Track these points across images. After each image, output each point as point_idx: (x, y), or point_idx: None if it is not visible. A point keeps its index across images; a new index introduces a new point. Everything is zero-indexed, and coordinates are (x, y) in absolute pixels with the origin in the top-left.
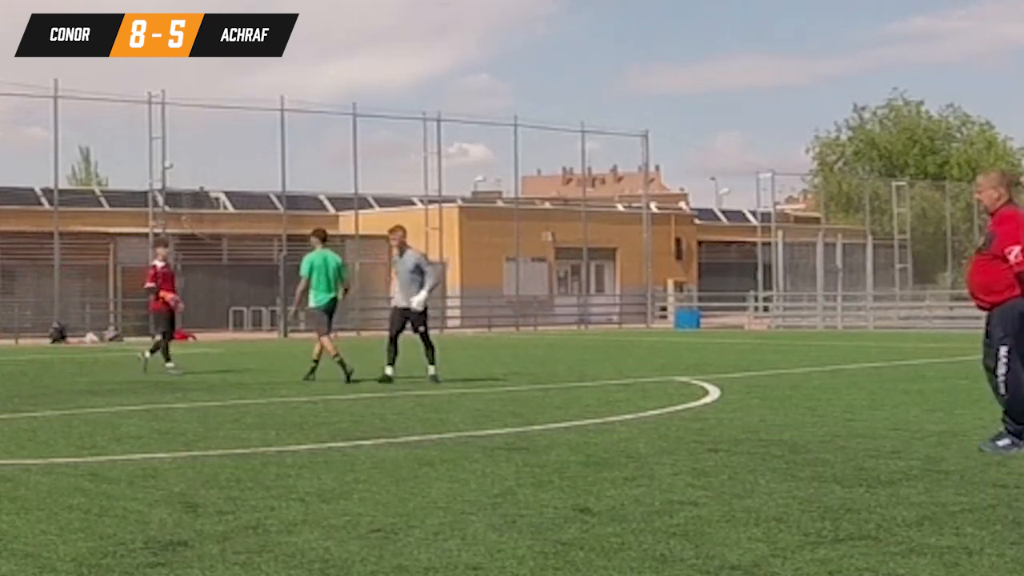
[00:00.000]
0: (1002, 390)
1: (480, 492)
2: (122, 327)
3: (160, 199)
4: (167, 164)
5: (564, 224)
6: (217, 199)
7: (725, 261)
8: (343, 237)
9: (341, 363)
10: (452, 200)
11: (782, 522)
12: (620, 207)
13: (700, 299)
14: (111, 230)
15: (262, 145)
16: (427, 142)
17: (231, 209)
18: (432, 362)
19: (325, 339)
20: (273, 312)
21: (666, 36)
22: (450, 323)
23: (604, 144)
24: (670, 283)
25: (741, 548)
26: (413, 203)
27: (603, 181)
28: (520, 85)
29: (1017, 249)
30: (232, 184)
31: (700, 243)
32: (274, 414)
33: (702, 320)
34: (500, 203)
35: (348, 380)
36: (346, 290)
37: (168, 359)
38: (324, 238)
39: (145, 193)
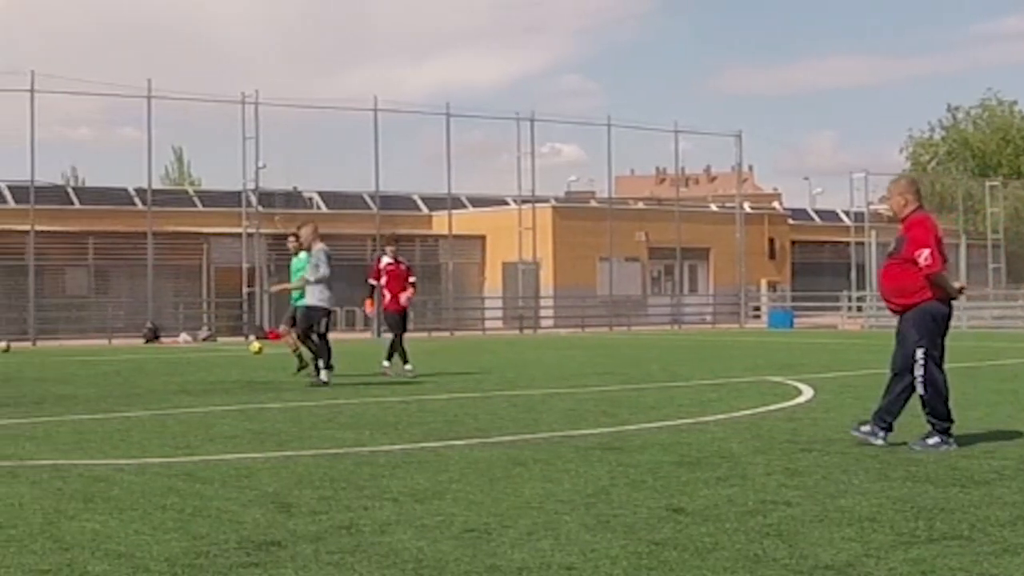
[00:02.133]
0: (920, 390)
1: (573, 492)
2: (215, 327)
3: (253, 199)
4: (260, 164)
5: (657, 224)
6: (310, 199)
7: (818, 261)
8: (436, 237)
9: (299, 356)
10: (545, 200)
11: (875, 522)
12: (713, 207)
13: (793, 299)
14: (204, 230)
15: (355, 145)
16: (520, 142)
17: (324, 209)
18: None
19: (287, 329)
20: (366, 313)
21: (759, 36)
22: (544, 323)
23: (697, 144)
24: (763, 283)
25: (834, 548)
26: (506, 203)
27: (696, 181)
28: (612, 85)
29: (927, 252)
30: (325, 184)
31: (793, 243)
32: (367, 414)
33: (795, 320)
34: (593, 203)
35: (297, 373)
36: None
37: (406, 360)
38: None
39: (238, 193)
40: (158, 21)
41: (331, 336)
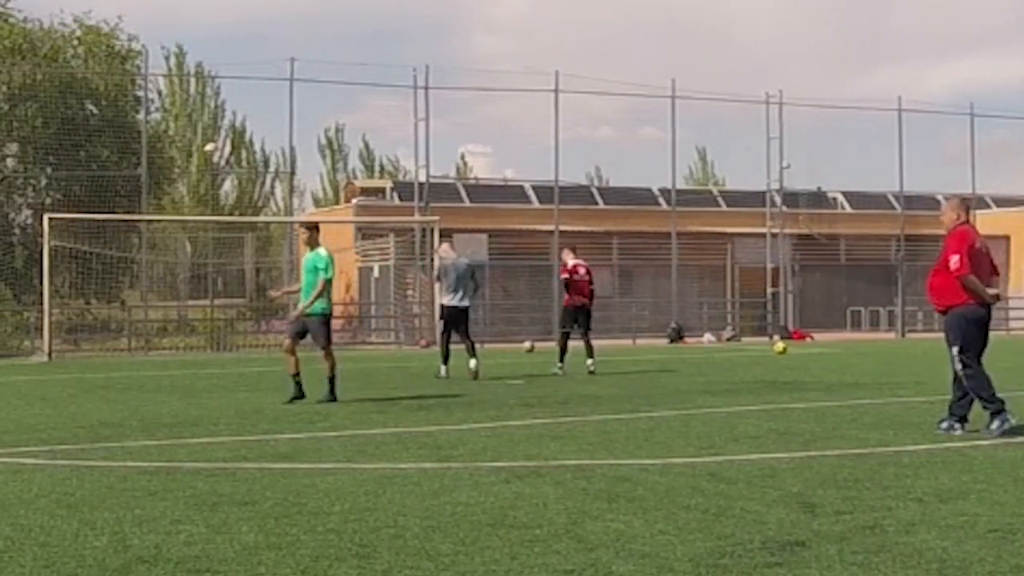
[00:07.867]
0: (966, 383)
1: None
2: (739, 327)
3: (777, 199)
4: (784, 164)
5: None
6: (834, 199)
7: None
8: None
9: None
10: None
11: None
12: None
13: None
14: (728, 230)
15: (879, 145)
16: None
17: (848, 209)
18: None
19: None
20: (891, 312)
21: None
22: None
23: None
24: None
25: None
26: None
27: None
28: None
29: (956, 257)
30: (849, 184)
31: None
32: (891, 414)
33: None
34: None
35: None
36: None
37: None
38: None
39: (762, 193)
40: (681, 19)
41: None
